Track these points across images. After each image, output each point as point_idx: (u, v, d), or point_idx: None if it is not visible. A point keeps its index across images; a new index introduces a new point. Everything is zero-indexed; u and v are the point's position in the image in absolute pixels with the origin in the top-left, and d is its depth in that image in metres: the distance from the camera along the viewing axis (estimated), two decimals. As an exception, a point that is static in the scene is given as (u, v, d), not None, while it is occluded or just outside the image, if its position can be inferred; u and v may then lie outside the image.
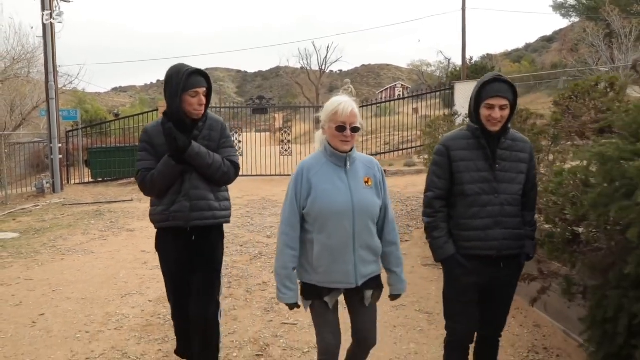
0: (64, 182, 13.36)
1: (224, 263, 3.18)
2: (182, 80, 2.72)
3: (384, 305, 3.24)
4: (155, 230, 3.01)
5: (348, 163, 2.54)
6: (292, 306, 2.56)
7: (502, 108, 2.53)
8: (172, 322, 3.26)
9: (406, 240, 6.73)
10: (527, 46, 69.29)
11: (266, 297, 4.77)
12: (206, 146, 2.83)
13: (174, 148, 2.72)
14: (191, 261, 2.93)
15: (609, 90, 3.45)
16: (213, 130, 2.90)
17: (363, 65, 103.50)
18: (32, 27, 40.52)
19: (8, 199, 11.80)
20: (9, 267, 5.91)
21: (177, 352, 3.21)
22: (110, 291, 4.96)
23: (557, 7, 39.26)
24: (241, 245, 6.67)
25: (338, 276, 2.50)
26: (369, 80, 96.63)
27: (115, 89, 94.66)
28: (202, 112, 2.84)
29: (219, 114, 17.67)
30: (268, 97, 17.45)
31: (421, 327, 4.07)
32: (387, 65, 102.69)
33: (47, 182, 12.45)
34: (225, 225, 3.08)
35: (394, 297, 2.72)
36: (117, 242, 7.11)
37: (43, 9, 12.88)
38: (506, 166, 2.62)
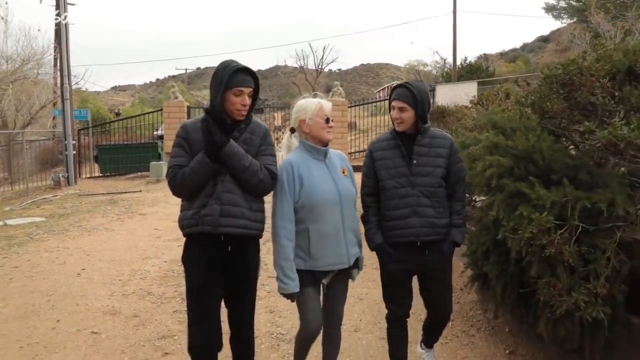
0: (77, 176, 14.62)
1: None
2: (227, 77, 2.54)
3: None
4: (184, 240, 2.73)
5: (326, 157, 2.84)
6: (293, 296, 2.71)
7: (400, 110, 2.88)
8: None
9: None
10: (524, 46, 69.98)
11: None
12: (245, 150, 2.61)
13: (210, 143, 2.51)
14: (224, 275, 2.65)
15: (504, 98, 4.69)
16: (254, 134, 2.68)
17: (362, 65, 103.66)
18: (39, 30, 41.37)
19: (28, 190, 13.08)
20: (46, 240, 7.19)
21: None
22: (133, 255, 6.23)
23: (549, 9, 40.43)
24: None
25: (334, 259, 2.75)
26: (367, 80, 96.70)
27: (114, 88, 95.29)
28: (245, 113, 2.63)
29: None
30: (264, 98, 18.73)
31: (374, 279, 5.31)
32: (386, 64, 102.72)
33: (62, 175, 13.70)
34: None
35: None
36: (133, 223, 8.37)
37: (57, 8, 14.05)
38: (423, 161, 2.90)
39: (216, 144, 2.52)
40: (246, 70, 2.61)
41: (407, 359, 3.18)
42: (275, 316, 4.44)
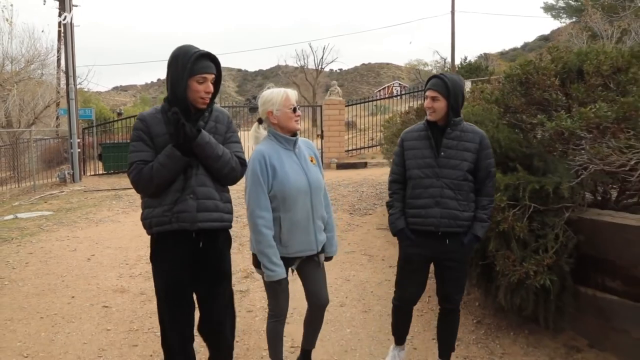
0: (81, 173, 15.07)
1: None
2: (189, 63, 2.40)
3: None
4: (149, 238, 2.62)
5: (296, 146, 2.88)
6: (281, 282, 2.75)
7: (433, 99, 2.93)
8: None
9: (369, 214, 8.42)
10: (525, 45, 70.26)
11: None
12: None
13: (182, 136, 2.38)
14: (195, 272, 2.59)
15: (479, 95, 5.14)
16: (219, 122, 2.59)
17: (363, 64, 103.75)
18: (42, 31, 41.85)
19: (35, 187, 13.54)
20: (56, 231, 7.64)
21: None
22: (138, 244, 6.67)
23: (548, 9, 40.75)
24: (236, 217, 8.38)
25: (303, 245, 2.83)
26: (369, 79, 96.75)
27: (116, 88, 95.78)
28: (208, 101, 2.53)
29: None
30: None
31: (362, 263, 5.76)
32: (387, 64, 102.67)
33: (68, 172, 14.16)
34: None
35: (327, 259, 3.06)
36: (138, 215, 8.73)
37: (62, 11, 14.51)
38: (451, 154, 2.94)
39: (188, 135, 2.39)
40: (208, 56, 2.49)
41: (407, 333, 3.37)
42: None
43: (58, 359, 3.50)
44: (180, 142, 2.40)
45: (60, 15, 17.88)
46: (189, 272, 2.56)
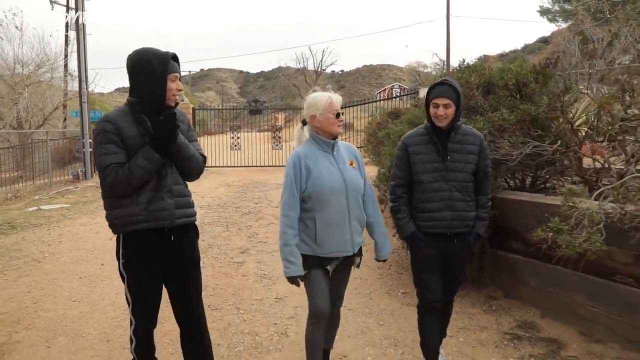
0: (93, 171, 16.20)
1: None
2: (165, 64, 2.51)
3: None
4: (114, 237, 2.70)
5: (335, 149, 2.91)
6: (296, 279, 2.80)
7: (445, 107, 2.92)
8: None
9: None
10: (525, 47, 70.84)
11: (247, 233, 7.59)
12: None
13: (170, 138, 2.49)
14: (169, 264, 2.65)
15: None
16: (181, 122, 2.62)
17: (365, 66, 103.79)
18: (50, 35, 42.92)
19: (51, 183, 14.69)
20: (78, 218, 8.76)
21: None
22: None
23: (544, 12, 41.71)
24: (236, 207, 9.49)
25: (339, 246, 2.84)
26: (370, 81, 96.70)
27: (118, 90, 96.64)
28: (178, 97, 2.62)
29: (220, 115, 20.26)
30: (263, 100, 20.27)
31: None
32: (389, 65, 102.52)
33: (80, 170, 15.30)
34: (225, 195, 3.33)
35: (381, 261, 3.17)
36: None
37: (76, 10, 15.55)
38: (456, 157, 2.99)
39: (174, 138, 2.49)
40: (174, 57, 2.60)
41: (439, 348, 3.33)
42: (261, 264, 5.94)
43: (98, 302, 4.61)
44: (165, 144, 2.48)
45: (66, 18, 19.07)
46: (161, 266, 2.62)
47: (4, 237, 7.42)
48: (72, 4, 17.88)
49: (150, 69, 2.49)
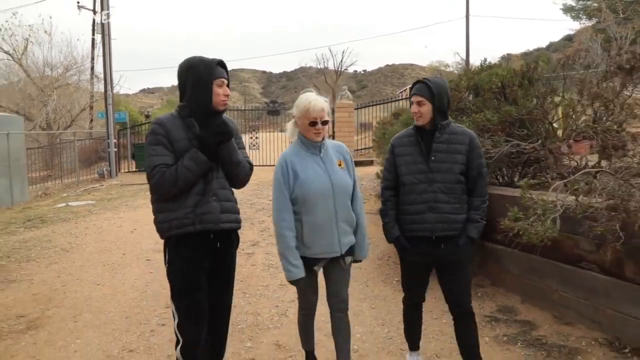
0: (117, 170, 16.93)
1: None
2: (212, 69, 2.54)
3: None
4: (163, 242, 2.68)
5: (322, 150, 2.88)
6: (299, 282, 2.81)
7: (419, 104, 2.91)
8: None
9: (364, 201, 9.91)
10: (550, 45, 69.89)
11: (260, 228, 8.06)
12: None
13: (220, 141, 2.53)
14: (210, 276, 2.66)
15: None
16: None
17: (387, 65, 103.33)
18: (77, 39, 44.34)
19: (78, 182, 15.43)
20: (103, 214, 9.35)
21: None
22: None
23: (567, 10, 41.33)
24: (251, 204, 9.97)
25: (325, 248, 2.85)
26: (392, 80, 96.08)
27: (143, 91, 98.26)
28: (227, 102, 2.63)
29: (243, 115, 20.87)
30: (282, 101, 20.80)
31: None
32: (411, 65, 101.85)
33: (106, 169, 16.03)
34: (241, 193, 2.81)
35: (357, 261, 3.08)
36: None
37: (102, 9, 16.27)
38: (442, 157, 2.92)
39: (225, 141, 2.54)
40: (220, 63, 2.62)
41: (420, 339, 3.43)
42: (269, 255, 6.38)
43: (119, 286, 5.13)
44: (215, 146, 2.52)
45: (94, 25, 19.82)
46: (205, 273, 2.63)
47: (36, 230, 8.05)
48: (98, 8, 18.70)
49: (197, 75, 2.53)
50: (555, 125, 4.75)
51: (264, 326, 4.23)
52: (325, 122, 2.80)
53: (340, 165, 2.91)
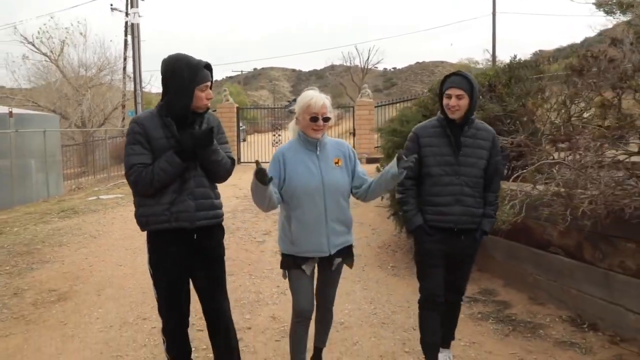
0: (146, 166, 17.72)
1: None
2: (195, 75, 2.55)
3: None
4: (144, 234, 2.78)
5: (318, 148, 2.84)
6: (262, 170, 2.52)
7: (458, 97, 2.86)
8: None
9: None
10: (584, 41, 68.40)
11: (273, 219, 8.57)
12: None
13: (205, 144, 2.56)
14: (192, 262, 2.74)
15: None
16: (211, 125, 2.66)
17: (417, 63, 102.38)
18: (111, 40, 45.96)
19: (109, 177, 16.28)
20: (129, 206, 9.70)
21: None
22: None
23: (600, 5, 40.60)
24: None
25: (313, 246, 2.80)
26: (422, 78, 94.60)
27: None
28: (209, 104, 2.69)
29: (272, 114, 21.38)
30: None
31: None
32: (442, 62, 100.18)
33: (135, 165, 16.83)
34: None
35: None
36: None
37: (131, 6, 17.01)
38: (468, 152, 2.93)
39: (207, 145, 2.57)
40: (207, 66, 2.63)
41: (439, 347, 3.22)
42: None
43: (139, 267, 5.69)
44: (196, 150, 2.57)
45: (126, 27, 20.63)
46: (186, 266, 2.72)
47: (68, 219, 8.75)
48: (128, 9, 19.56)
49: (179, 78, 2.54)
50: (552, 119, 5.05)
51: (263, 302, 4.71)
52: (326, 119, 2.80)
53: (337, 163, 2.87)
